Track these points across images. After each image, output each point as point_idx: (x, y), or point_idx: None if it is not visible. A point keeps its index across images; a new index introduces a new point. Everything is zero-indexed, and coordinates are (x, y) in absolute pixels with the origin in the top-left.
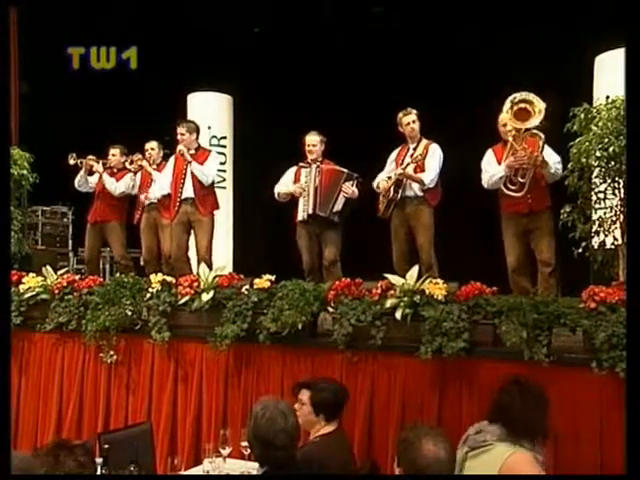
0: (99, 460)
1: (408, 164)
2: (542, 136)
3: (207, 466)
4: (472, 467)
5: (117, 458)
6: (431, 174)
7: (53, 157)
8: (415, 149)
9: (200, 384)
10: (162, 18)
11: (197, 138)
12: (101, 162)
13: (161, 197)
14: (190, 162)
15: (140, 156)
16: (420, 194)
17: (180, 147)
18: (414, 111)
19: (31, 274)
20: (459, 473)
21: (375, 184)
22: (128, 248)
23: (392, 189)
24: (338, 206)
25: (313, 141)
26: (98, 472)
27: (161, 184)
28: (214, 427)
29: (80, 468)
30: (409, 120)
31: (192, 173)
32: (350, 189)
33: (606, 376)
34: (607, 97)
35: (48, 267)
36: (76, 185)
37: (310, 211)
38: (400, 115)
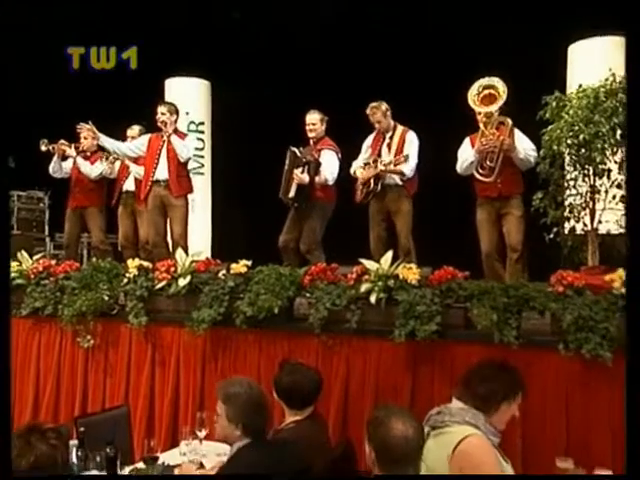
0: (74, 442)
1: (388, 164)
2: (509, 122)
3: (184, 448)
4: (431, 446)
5: (94, 440)
6: (411, 164)
7: (28, 142)
8: (391, 138)
9: (177, 368)
10: (140, 3)
11: (176, 121)
12: (73, 146)
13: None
14: (170, 134)
15: (63, 141)
16: (400, 183)
17: (163, 121)
18: (382, 106)
19: None
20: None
21: (352, 171)
22: (107, 234)
23: (372, 181)
24: (292, 192)
25: (313, 120)
26: (73, 454)
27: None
28: (191, 410)
29: (52, 450)
30: (375, 119)
31: (167, 153)
32: (299, 176)
33: (572, 357)
34: (580, 85)
35: (23, 252)
36: (51, 172)
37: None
38: (368, 110)
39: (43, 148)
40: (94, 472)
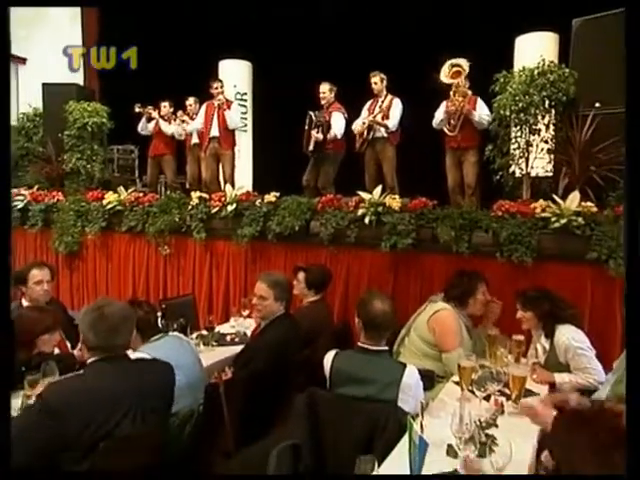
0: (159, 314)
1: (377, 113)
2: (469, 93)
3: (232, 322)
4: (422, 312)
5: (171, 314)
6: (394, 121)
7: (123, 109)
8: (383, 102)
9: (228, 269)
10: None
11: (223, 92)
12: (156, 111)
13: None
14: (225, 110)
15: (150, 107)
16: (385, 136)
17: (221, 98)
18: (380, 74)
19: (110, 192)
20: (416, 316)
21: (353, 127)
22: (178, 175)
23: (365, 131)
24: (311, 147)
25: (324, 89)
26: (159, 322)
27: (195, 123)
28: (238, 297)
29: (146, 315)
30: (372, 81)
31: (218, 118)
32: (315, 135)
33: (505, 262)
34: (523, 67)
35: (121, 188)
36: (139, 130)
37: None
38: (370, 75)
39: (137, 110)
40: (175, 333)
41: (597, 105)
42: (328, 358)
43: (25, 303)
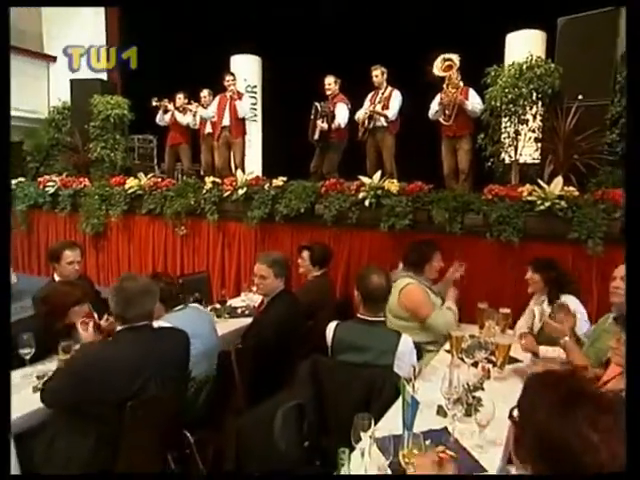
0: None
1: (378, 104)
2: (461, 84)
3: (243, 297)
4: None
5: (188, 289)
6: (393, 111)
7: (142, 102)
8: (383, 94)
9: (239, 248)
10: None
11: (235, 84)
12: (172, 103)
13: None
14: (236, 100)
15: (166, 100)
16: (385, 125)
17: (232, 89)
18: (381, 68)
19: (131, 178)
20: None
21: (356, 116)
22: (193, 163)
23: (367, 121)
24: (316, 136)
25: (329, 81)
26: None
27: (208, 111)
28: (248, 274)
29: (167, 286)
30: (374, 74)
31: (229, 108)
32: (320, 125)
33: (494, 242)
34: (513, 62)
35: (141, 174)
36: (157, 121)
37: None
38: (371, 69)
39: (154, 104)
40: (195, 305)
41: (580, 97)
42: (330, 328)
43: (57, 278)
